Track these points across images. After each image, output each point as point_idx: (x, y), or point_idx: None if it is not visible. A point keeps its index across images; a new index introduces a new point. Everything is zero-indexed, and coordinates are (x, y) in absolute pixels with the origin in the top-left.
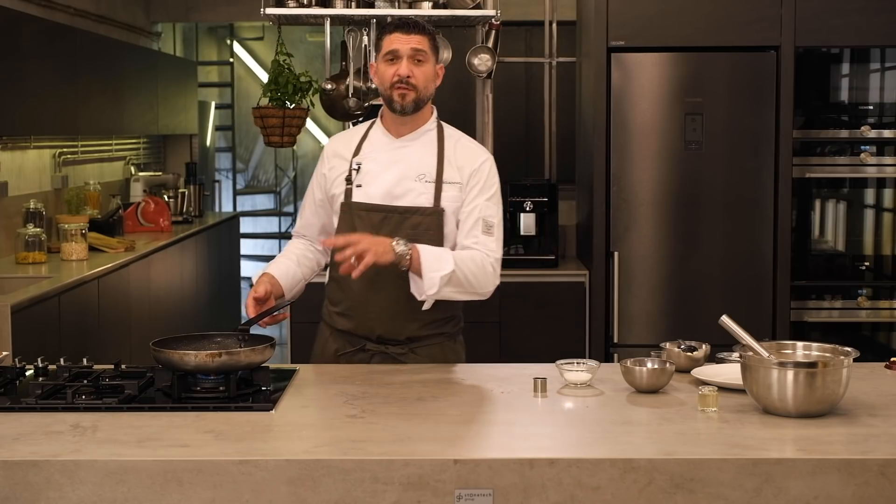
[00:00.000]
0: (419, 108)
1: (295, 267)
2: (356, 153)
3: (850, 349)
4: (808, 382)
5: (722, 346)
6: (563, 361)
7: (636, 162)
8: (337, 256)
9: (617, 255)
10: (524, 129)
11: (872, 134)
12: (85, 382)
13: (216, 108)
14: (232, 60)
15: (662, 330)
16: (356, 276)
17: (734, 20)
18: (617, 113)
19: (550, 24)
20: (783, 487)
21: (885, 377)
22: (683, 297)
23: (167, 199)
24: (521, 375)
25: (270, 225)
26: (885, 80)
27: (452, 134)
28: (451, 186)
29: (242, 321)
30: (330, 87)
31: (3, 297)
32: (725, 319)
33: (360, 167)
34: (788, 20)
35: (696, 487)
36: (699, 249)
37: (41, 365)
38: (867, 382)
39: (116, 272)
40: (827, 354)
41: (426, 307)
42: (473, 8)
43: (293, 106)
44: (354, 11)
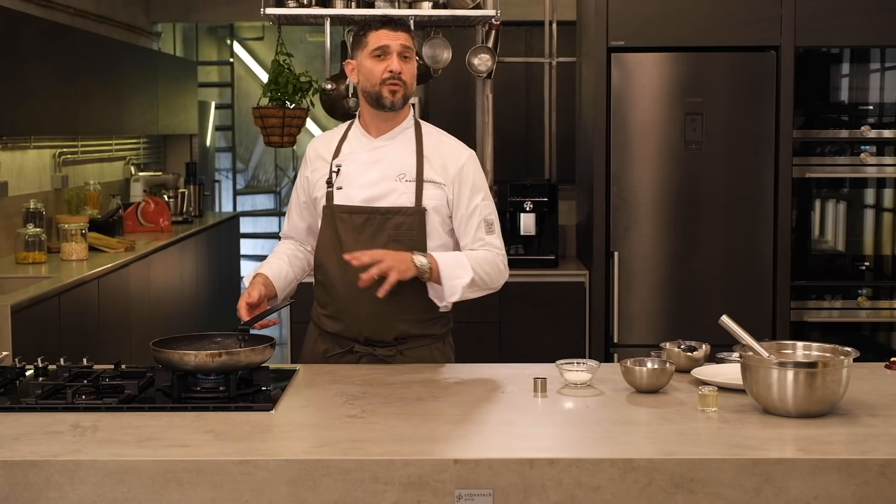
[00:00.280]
0: (405, 103)
1: (287, 267)
2: (336, 155)
3: (850, 349)
4: (808, 382)
5: (722, 346)
6: (563, 361)
7: (636, 162)
8: (363, 276)
9: (617, 255)
10: (524, 129)
11: (872, 134)
12: (85, 382)
13: (216, 108)
14: (232, 60)
15: (662, 330)
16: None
17: (734, 20)
18: (617, 113)
19: (550, 24)
20: (783, 487)
21: (885, 377)
22: (683, 297)
23: (167, 199)
24: (521, 375)
25: (270, 225)
26: (885, 80)
27: (430, 131)
28: (432, 185)
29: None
30: (330, 87)
31: (3, 297)
32: (725, 319)
33: (339, 169)
34: (788, 20)
35: (696, 487)
36: (699, 249)
37: (41, 365)
38: (867, 382)
39: (116, 272)
40: (827, 354)
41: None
42: (473, 8)
43: (293, 106)
44: (354, 11)
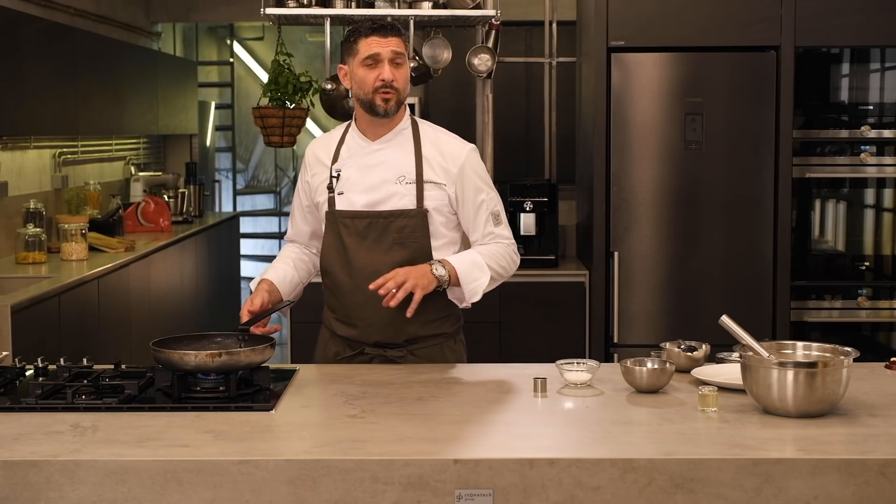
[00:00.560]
0: (399, 110)
1: (292, 272)
2: (335, 159)
3: (850, 349)
4: (808, 382)
5: (722, 346)
6: (563, 361)
7: (636, 162)
8: (389, 301)
9: (617, 255)
10: (524, 129)
11: (872, 134)
12: (85, 382)
13: (216, 108)
14: (232, 60)
15: (662, 330)
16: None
17: (734, 20)
18: (617, 113)
19: (550, 24)
20: (783, 487)
21: (885, 377)
22: (683, 297)
23: (167, 199)
24: (521, 375)
25: (270, 225)
26: (885, 80)
27: (428, 130)
28: (432, 186)
29: (242, 321)
30: (330, 87)
31: (3, 297)
32: (725, 319)
33: (339, 174)
34: (788, 20)
35: (696, 487)
36: (699, 249)
37: (41, 365)
38: (867, 382)
39: (116, 272)
40: (827, 354)
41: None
42: (473, 8)
43: (293, 106)
44: (354, 11)
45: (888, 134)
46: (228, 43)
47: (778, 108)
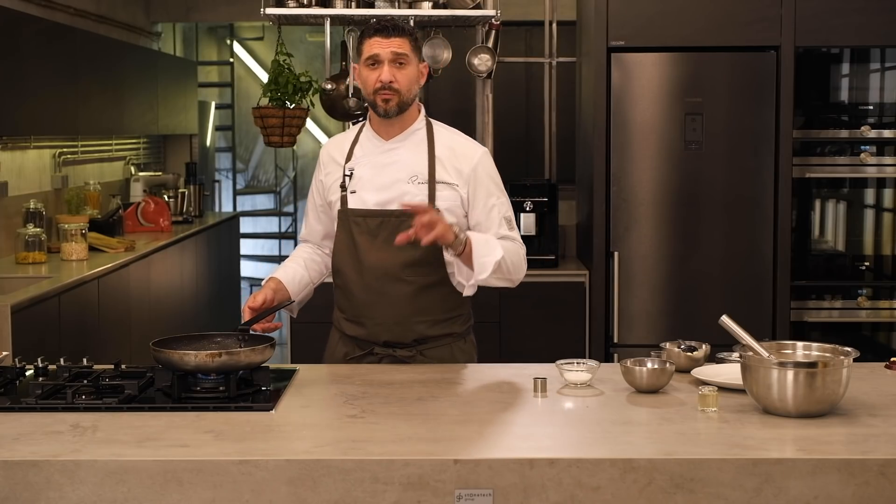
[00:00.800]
0: (403, 110)
1: (303, 271)
2: (348, 158)
3: (850, 349)
4: (808, 382)
5: (722, 346)
6: (563, 361)
7: (636, 162)
8: (400, 235)
9: (617, 255)
10: (524, 129)
11: (872, 134)
12: (85, 382)
13: (216, 108)
14: (232, 60)
15: (662, 330)
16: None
17: (734, 20)
18: (617, 113)
19: (550, 24)
20: (783, 487)
21: (885, 377)
22: (683, 297)
23: (167, 199)
24: (521, 375)
25: (270, 225)
26: (885, 80)
27: (442, 131)
28: (445, 187)
29: (242, 321)
30: (330, 87)
31: (3, 297)
32: (725, 319)
33: (352, 173)
34: (788, 20)
35: (696, 487)
36: (699, 249)
37: (41, 365)
38: (867, 382)
39: (116, 272)
40: (827, 354)
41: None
42: (473, 8)
43: (293, 106)
44: (354, 11)
45: (888, 134)
46: (228, 43)
47: (778, 108)
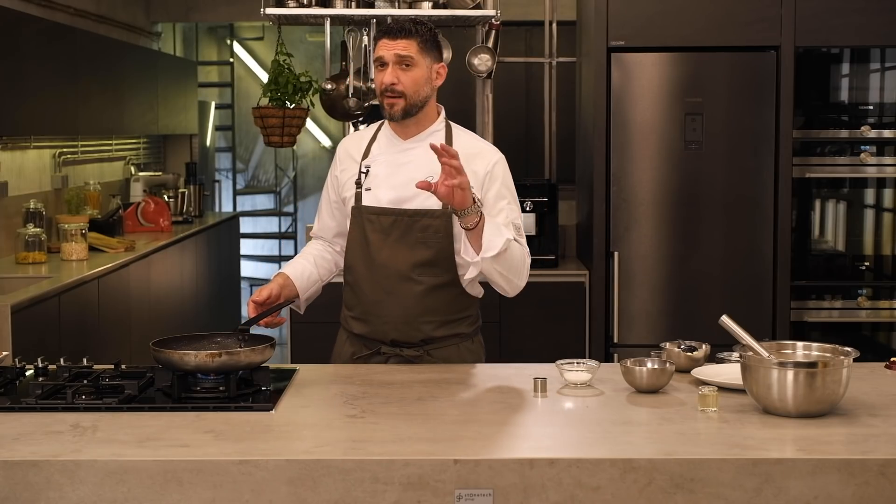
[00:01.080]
0: (410, 114)
1: (311, 268)
2: (365, 155)
3: (850, 349)
4: (808, 382)
5: (722, 346)
6: (563, 361)
7: (636, 162)
8: (421, 182)
9: (617, 255)
10: (524, 129)
11: (872, 134)
12: (85, 382)
13: (216, 108)
14: (232, 60)
15: (662, 330)
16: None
17: (734, 20)
18: (617, 113)
19: (550, 24)
20: (783, 487)
21: (885, 377)
22: (683, 297)
23: (167, 199)
24: (521, 375)
25: (270, 225)
26: (885, 80)
27: (461, 135)
28: None
29: (242, 321)
30: (330, 87)
31: (3, 297)
32: (725, 319)
33: (368, 170)
34: (788, 20)
35: (696, 487)
36: (699, 249)
37: (41, 365)
38: (867, 382)
39: (116, 272)
40: (827, 354)
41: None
42: (473, 8)
43: (293, 106)
44: (354, 11)
45: (888, 134)
46: (228, 43)
47: (778, 108)
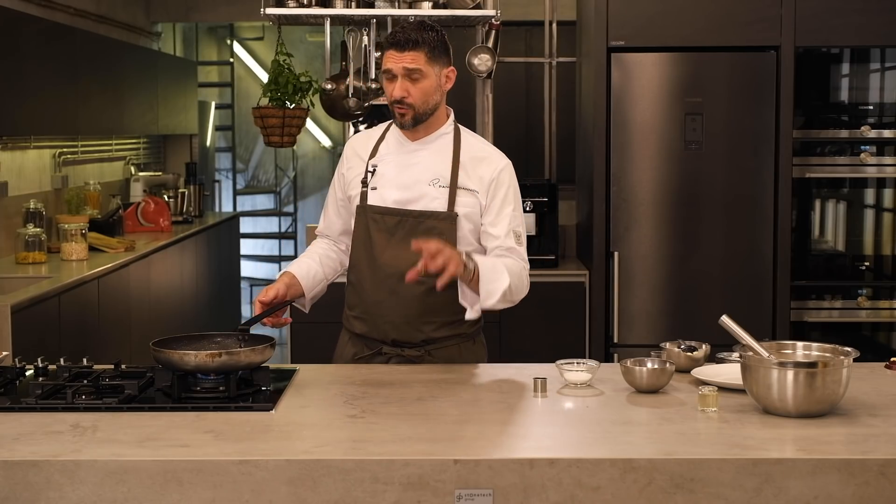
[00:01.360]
0: (420, 122)
1: (317, 267)
2: (372, 155)
3: (850, 349)
4: (808, 382)
5: (722, 346)
6: (563, 361)
7: (636, 162)
8: (410, 272)
9: (617, 255)
10: (524, 129)
11: (872, 134)
12: (85, 382)
13: (216, 108)
14: (232, 60)
15: (662, 330)
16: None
17: (734, 20)
18: (617, 113)
19: (550, 24)
20: (783, 487)
21: (885, 377)
22: (683, 297)
23: (167, 199)
24: (521, 375)
25: (270, 225)
26: (885, 80)
27: (469, 139)
28: (465, 192)
29: (242, 321)
30: (330, 87)
31: (3, 297)
32: (725, 319)
33: (375, 170)
34: (788, 20)
35: (696, 487)
36: (699, 249)
37: (41, 365)
38: (867, 382)
39: (116, 272)
40: (827, 354)
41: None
42: (473, 8)
43: (293, 106)
44: (354, 11)
45: (888, 134)
46: (228, 43)
47: (778, 108)
